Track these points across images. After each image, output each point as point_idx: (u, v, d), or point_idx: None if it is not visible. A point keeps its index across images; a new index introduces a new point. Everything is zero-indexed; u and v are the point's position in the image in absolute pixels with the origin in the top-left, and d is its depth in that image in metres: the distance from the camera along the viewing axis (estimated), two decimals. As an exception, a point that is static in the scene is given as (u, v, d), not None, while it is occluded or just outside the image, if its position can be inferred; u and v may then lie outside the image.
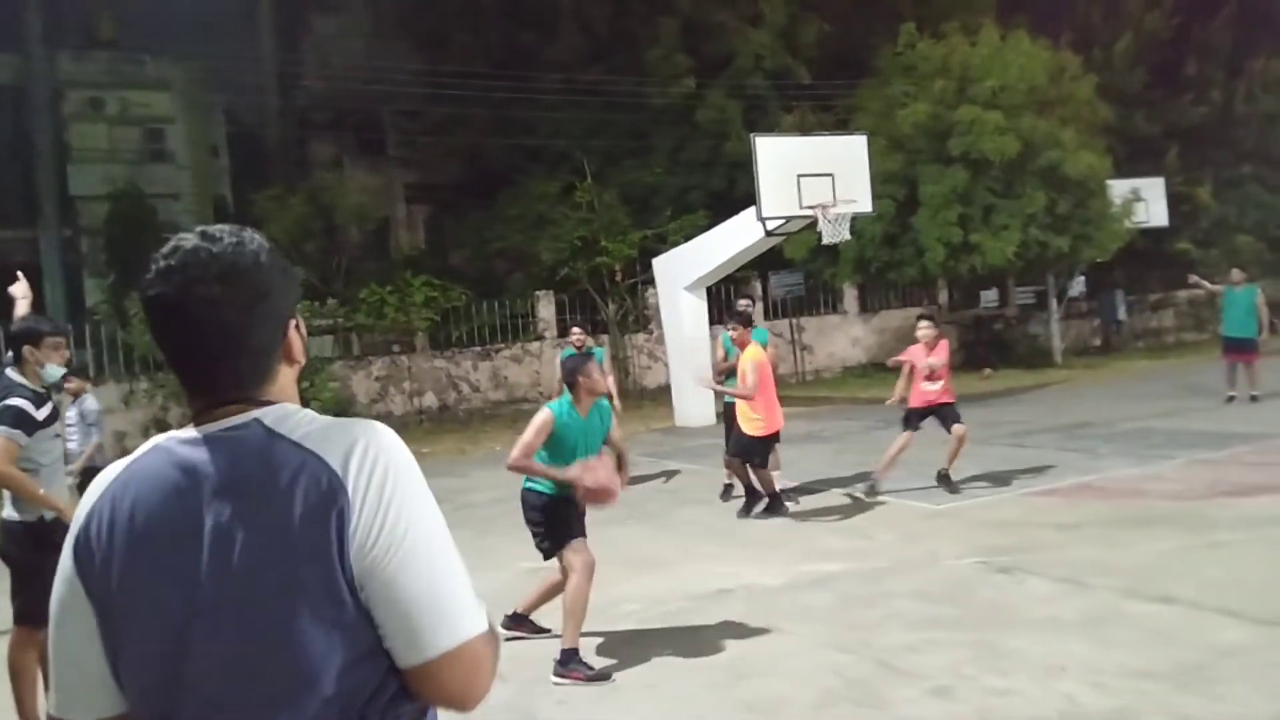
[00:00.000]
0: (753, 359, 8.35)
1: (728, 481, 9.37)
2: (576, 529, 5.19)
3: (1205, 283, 15.57)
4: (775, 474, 8.82)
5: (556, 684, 4.89)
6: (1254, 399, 13.39)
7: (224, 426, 1.29)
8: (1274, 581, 5.65)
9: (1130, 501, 8.03)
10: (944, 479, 8.99)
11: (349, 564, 1.20)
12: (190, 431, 1.31)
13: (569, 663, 4.94)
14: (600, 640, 5.53)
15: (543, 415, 5.15)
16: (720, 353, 9.48)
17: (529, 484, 5.26)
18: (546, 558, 5.28)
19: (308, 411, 1.31)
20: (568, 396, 5.25)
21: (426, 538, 1.24)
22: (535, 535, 5.25)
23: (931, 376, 8.78)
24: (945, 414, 8.88)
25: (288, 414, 1.30)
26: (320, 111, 38.82)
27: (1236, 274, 14.11)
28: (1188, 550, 6.45)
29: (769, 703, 4.45)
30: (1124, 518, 7.53)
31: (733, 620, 5.73)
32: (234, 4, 37.69)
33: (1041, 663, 4.66)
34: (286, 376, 1.36)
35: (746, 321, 8.67)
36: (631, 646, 5.39)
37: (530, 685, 4.92)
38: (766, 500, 8.59)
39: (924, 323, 8.95)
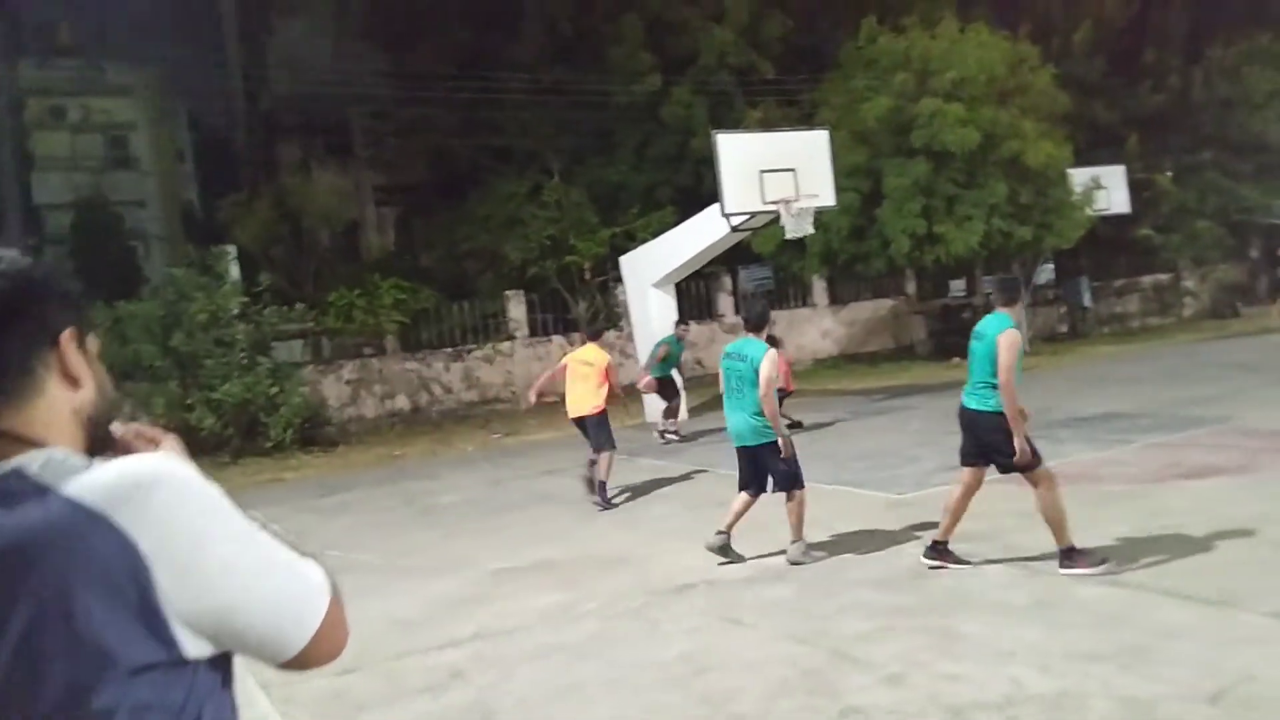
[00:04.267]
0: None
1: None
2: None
3: None
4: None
5: (1065, 574, 5.79)
6: None
7: None
8: (1222, 562, 5.78)
9: (1087, 487, 8.16)
10: None
11: (167, 623, 1.10)
12: None
13: (1072, 557, 5.89)
14: (560, 640, 5.61)
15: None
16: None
17: (993, 408, 6.16)
18: (1008, 471, 6.14)
19: (73, 457, 1.15)
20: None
21: (243, 557, 1.16)
22: (1000, 454, 6.09)
23: None
24: None
25: (52, 459, 1.12)
26: (286, 114, 38.49)
27: None
28: (1140, 533, 6.59)
29: (723, 694, 4.53)
30: (1080, 503, 7.65)
31: (694, 614, 5.81)
32: (196, 8, 37.39)
33: (992, 647, 4.77)
34: (64, 402, 1.19)
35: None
36: (593, 643, 5.46)
37: (490, 687, 4.98)
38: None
39: None
